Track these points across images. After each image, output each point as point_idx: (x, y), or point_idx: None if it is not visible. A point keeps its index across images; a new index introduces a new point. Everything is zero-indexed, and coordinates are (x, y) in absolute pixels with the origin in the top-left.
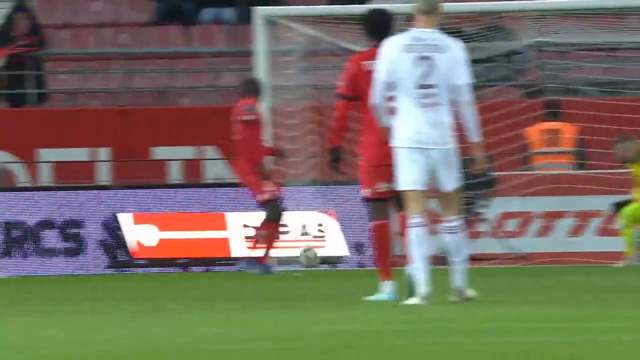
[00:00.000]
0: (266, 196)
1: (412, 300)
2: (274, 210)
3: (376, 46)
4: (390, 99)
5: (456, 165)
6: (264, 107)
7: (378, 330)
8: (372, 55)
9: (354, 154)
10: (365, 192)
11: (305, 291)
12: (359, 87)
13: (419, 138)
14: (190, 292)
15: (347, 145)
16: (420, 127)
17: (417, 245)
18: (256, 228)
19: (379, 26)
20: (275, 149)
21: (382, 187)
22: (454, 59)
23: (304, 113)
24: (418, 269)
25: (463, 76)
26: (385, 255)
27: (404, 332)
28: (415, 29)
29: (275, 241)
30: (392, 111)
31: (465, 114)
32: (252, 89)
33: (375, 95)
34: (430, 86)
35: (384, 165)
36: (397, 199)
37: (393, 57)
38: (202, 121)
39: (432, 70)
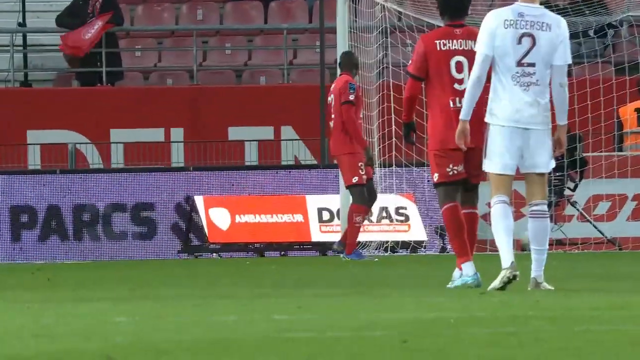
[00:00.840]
0: (357, 179)
1: (496, 282)
2: (361, 194)
3: (450, 25)
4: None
5: (551, 147)
6: None
7: (457, 318)
8: (445, 35)
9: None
10: (434, 176)
11: (384, 277)
12: (429, 66)
13: (517, 117)
14: (264, 278)
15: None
16: (519, 106)
17: (500, 219)
18: (349, 216)
19: (454, 5)
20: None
21: (450, 170)
22: (557, 37)
23: (384, 91)
24: (501, 243)
25: (563, 56)
26: (460, 237)
27: (484, 319)
28: (518, 2)
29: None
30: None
31: (557, 95)
32: (349, 64)
33: (476, 68)
34: (530, 64)
35: (452, 149)
36: (464, 182)
37: (494, 31)
38: (280, 100)
39: (533, 48)
